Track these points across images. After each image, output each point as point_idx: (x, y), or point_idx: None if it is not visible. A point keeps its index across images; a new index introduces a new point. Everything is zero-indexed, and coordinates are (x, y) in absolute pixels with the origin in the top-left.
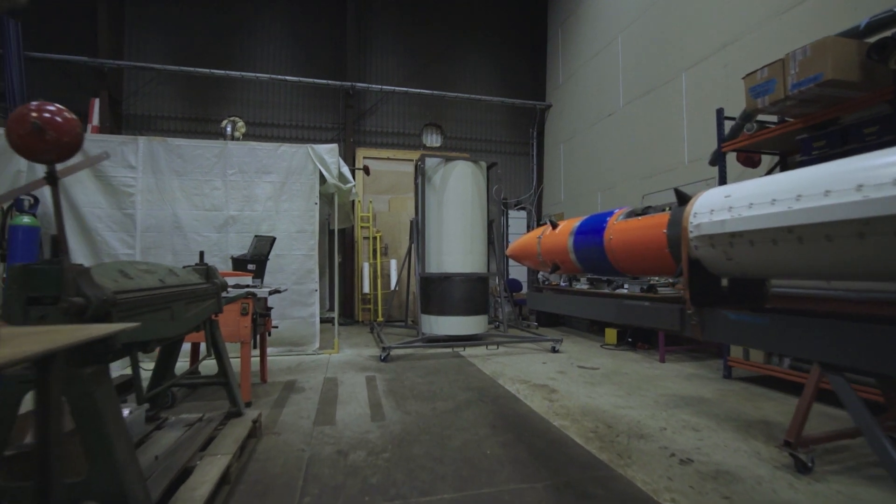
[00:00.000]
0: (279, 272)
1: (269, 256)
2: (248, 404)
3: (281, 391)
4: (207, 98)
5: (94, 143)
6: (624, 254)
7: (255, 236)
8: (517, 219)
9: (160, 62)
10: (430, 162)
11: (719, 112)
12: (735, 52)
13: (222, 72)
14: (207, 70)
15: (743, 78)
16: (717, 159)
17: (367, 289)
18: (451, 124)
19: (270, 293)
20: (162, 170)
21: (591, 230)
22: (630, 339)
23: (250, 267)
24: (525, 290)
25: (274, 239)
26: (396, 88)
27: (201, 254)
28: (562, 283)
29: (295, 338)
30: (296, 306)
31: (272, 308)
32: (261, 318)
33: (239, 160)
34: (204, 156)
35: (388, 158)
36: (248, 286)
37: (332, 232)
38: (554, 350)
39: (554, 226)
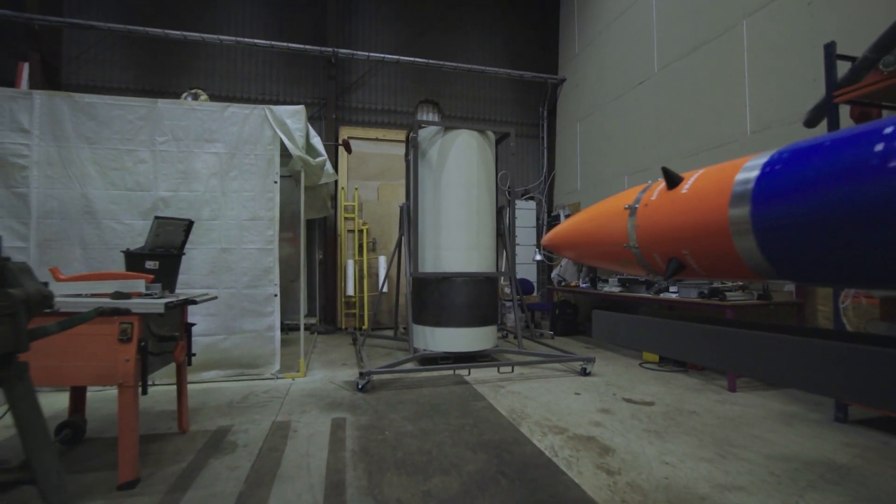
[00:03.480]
0: (226, 272)
1: (186, 250)
2: (133, 484)
3: (198, 452)
4: (164, 66)
5: None
6: None
7: (156, 218)
8: (525, 210)
9: (106, 21)
10: (426, 132)
11: (829, 48)
12: None
13: (179, 33)
14: (162, 31)
15: None
16: (823, 114)
17: (350, 291)
18: (449, 101)
19: (173, 306)
20: (67, 135)
21: (829, 166)
22: None
23: (150, 265)
24: (536, 292)
25: (190, 223)
26: (386, 56)
27: None
28: (581, 284)
29: (247, 357)
30: (248, 316)
31: (195, 325)
32: (164, 342)
33: (172, 124)
34: (125, 118)
35: (377, 139)
36: (136, 294)
37: (309, 222)
38: (584, 372)
39: (673, 182)
